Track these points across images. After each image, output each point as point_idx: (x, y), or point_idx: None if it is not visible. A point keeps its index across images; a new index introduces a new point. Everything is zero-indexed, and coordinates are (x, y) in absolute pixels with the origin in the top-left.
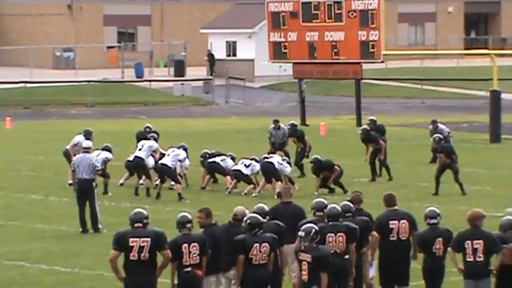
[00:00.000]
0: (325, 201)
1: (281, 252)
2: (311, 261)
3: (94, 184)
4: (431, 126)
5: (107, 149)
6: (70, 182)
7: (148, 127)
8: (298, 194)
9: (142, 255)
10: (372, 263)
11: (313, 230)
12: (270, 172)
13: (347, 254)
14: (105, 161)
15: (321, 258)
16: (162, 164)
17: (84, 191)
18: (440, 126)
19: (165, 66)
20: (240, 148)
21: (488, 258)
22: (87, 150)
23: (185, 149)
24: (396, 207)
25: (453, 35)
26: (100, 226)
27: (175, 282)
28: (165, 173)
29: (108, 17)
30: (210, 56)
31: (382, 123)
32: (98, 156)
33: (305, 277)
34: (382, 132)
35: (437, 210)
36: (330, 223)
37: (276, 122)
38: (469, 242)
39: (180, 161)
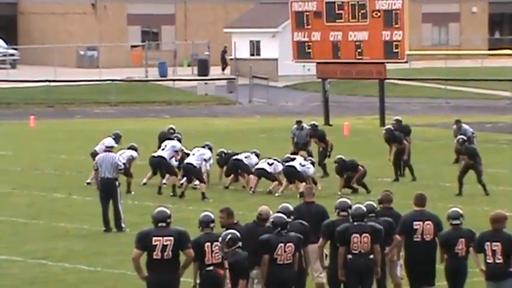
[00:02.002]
0: (349, 201)
1: (305, 252)
2: (229, 268)
3: (117, 183)
4: (455, 126)
5: (132, 147)
6: (88, 181)
7: (172, 128)
8: (320, 193)
9: (165, 254)
10: (397, 262)
11: (228, 237)
12: (292, 176)
13: (371, 254)
14: (130, 160)
15: (235, 263)
16: (188, 163)
17: (107, 190)
18: (464, 126)
19: (189, 65)
20: (263, 147)
21: (508, 260)
22: (109, 149)
23: (210, 148)
24: (423, 208)
25: (477, 35)
26: (123, 225)
27: (198, 281)
28: (191, 172)
29: (132, 16)
30: (223, 52)
31: (407, 124)
32: (123, 154)
33: (229, 285)
34: (407, 132)
35: (460, 211)
36: (355, 223)
37: (298, 122)
38: (489, 243)
39: (205, 160)
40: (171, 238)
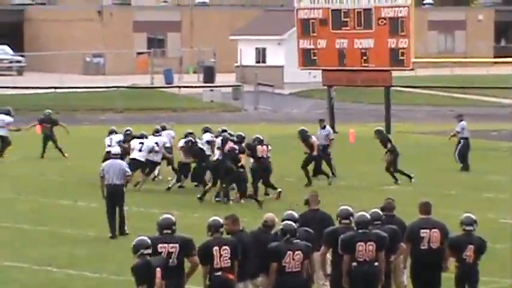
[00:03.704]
0: (351, 209)
1: (311, 260)
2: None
3: (124, 189)
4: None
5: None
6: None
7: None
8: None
9: (170, 261)
10: (403, 270)
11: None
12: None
13: (376, 262)
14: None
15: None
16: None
17: (115, 196)
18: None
19: (195, 72)
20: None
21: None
22: (116, 156)
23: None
24: (430, 216)
25: (483, 43)
26: (127, 230)
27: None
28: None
29: (138, 23)
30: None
31: (387, 135)
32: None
33: None
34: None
35: (474, 217)
36: (360, 231)
37: (321, 121)
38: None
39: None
40: (176, 245)
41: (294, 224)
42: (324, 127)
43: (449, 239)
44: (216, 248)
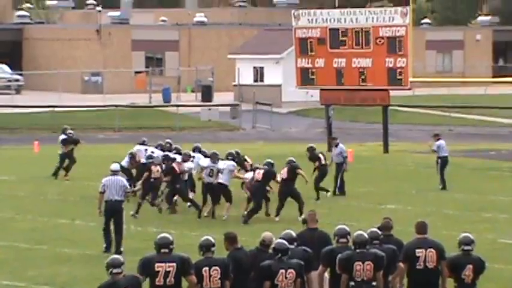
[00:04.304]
0: (348, 228)
1: (308, 279)
2: None
3: (123, 206)
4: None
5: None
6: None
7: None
8: (324, 220)
9: (167, 280)
10: None
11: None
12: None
13: (374, 281)
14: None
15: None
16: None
17: (114, 212)
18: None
19: (193, 91)
20: None
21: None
22: (115, 172)
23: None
24: (426, 236)
25: (481, 63)
26: (122, 249)
27: None
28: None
29: (136, 42)
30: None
31: (319, 151)
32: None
33: None
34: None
35: (472, 237)
36: (358, 251)
37: (334, 139)
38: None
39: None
40: (174, 264)
41: (286, 242)
42: (337, 145)
43: (447, 259)
44: (205, 268)
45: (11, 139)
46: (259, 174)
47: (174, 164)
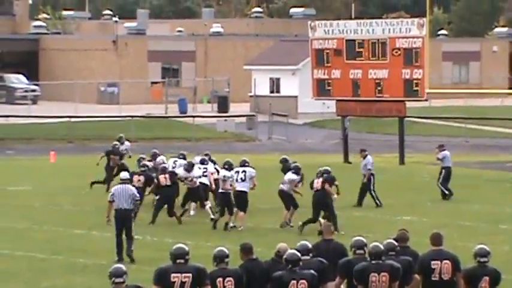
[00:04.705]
0: (365, 239)
1: None
2: None
3: (132, 214)
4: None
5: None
6: None
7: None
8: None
9: None
10: None
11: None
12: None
13: None
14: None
15: None
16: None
17: (124, 220)
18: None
19: (209, 102)
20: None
21: None
22: (125, 181)
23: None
24: (441, 247)
25: (498, 74)
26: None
27: None
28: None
29: (153, 53)
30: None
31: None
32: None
33: None
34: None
35: (488, 249)
36: (373, 262)
37: (362, 151)
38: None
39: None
40: (190, 275)
41: (298, 253)
42: (365, 157)
43: (463, 270)
44: (219, 279)
45: (27, 149)
46: (318, 183)
47: (160, 176)
